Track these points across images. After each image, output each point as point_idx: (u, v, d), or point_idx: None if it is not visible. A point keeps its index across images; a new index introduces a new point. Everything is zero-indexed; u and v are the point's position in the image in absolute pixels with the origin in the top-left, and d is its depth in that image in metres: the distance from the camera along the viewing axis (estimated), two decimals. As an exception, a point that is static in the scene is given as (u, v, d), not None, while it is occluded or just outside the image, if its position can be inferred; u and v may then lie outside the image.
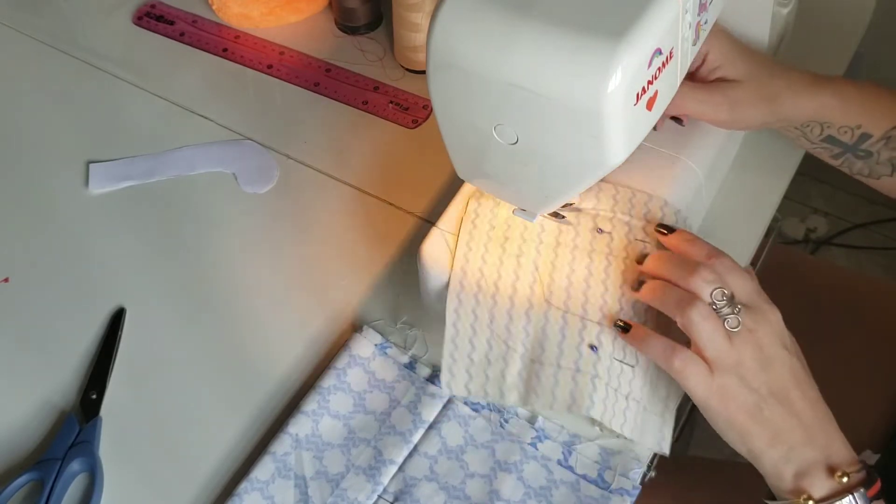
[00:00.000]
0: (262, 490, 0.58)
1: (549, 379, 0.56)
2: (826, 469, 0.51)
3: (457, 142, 0.52)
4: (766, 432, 0.51)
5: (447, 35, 0.45)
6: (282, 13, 0.88)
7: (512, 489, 0.58)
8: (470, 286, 0.57)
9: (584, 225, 0.57)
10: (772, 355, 0.51)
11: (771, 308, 0.52)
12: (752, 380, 0.51)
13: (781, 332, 0.52)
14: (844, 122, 0.59)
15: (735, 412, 0.51)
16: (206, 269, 0.71)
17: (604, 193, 0.59)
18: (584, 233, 0.57)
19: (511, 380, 0.57)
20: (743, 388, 0.51)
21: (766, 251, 0.82)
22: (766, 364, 0.51)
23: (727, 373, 0.51)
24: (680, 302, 0.51)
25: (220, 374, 0.65)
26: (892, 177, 0.59)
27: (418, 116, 0.81)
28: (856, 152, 0.60)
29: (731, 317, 0.50)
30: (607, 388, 0.54)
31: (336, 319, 0.68)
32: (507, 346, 0.57)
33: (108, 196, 0.77)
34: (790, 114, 0.59)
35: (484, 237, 0.58)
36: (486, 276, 0.56)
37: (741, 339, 0.51)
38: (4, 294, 0.71)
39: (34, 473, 0.59)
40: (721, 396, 0.51)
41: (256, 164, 0.78)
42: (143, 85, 0.85)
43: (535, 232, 0.57)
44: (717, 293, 0.50)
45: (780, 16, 0.68)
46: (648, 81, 0.44)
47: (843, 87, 0.59)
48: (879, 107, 0.58)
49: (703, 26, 0.51)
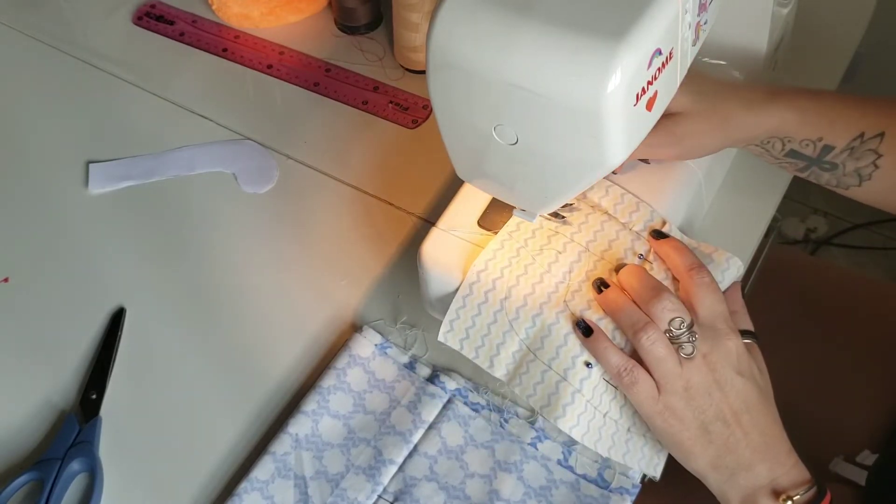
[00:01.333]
0: (262, 490, 0.58)
1: (537, 374, 0.56)
2: (771, 493, 0.52)
3: (457, 142, 0.52)
4: (708, 454, 0.52)
5: (447, 35, 0.45)
6: (282, 13, 0.88)
7: (512, 489, 0.58)
8: (497, 265, 0.57)
9: (637, 252, 0.57)
10: (723, 380, 0.52)
11: (730, 334, 0.53)
12: (699, 403, 0.52)
13: (737, 358, 0.53)
14: (805, 135, 0.56)
15: (679, 432, 0.52)
16: (206, 269, 0.71)
17: (608, 197, 0.59)
18: (630, 258, 0.57)
19: (504, 355, 0.57)
20: (688, 410, 0.52)
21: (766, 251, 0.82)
22: (714, 388, 0.52)
23: (674, 394, 0.52)
24: (634, 325, 0.52)
25: (219, 374, 0.65)
26: (860, 186, 0.58)
27: (418, 116, 0.81)
28: (821, 165, 0.58)
29: (686, 344, 0.52)
30: (587, 404, 0.55)
31: (336, 319, 0.68)
32: (511, 326, 0.57)
33: (107, 196, 0.77)
34: (747, 133, 0.57)
35: (530, 230, 0.58)
36: (504, 278, 0.57)
37: (693, 363, 0.52)
38: (4, 294, 0.71)
39: (34, 473, 0.59)
40: (666, 416, 0.52)
41: (256, 164, 0.78)
42: (143, 85, 0.85)
43: (584, 237, 0.58)
44: (676, 322, 0.51)
45: (779, 16, 0.67)
46: (648, 82, 0.44)
47: (800, 100, 0.56)
48: (840, 117, 0.56)
49: (703, 26, 0.51)
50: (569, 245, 0.57)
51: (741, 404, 0.52)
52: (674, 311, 0.51)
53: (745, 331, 0.56)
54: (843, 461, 0.77)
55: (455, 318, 0.59)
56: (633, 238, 0.57)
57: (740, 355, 0.53)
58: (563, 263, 0.57)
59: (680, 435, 0.52)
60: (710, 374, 0.52)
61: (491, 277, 0.57)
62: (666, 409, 0.52)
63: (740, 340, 0.53)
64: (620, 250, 0.57)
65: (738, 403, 0.52)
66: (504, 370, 0.58)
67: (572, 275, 0.56)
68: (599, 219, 0.58)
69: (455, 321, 0.59)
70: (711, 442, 0.52)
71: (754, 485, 0.52)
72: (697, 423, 0.52)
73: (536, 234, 0.58)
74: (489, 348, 0.58)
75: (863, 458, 0.75)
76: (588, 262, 0.57)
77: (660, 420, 0.52)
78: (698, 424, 0.52)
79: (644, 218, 0.59)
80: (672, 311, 0.51)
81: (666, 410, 0.52)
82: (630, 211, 0.59)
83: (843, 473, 0.76)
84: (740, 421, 0.52)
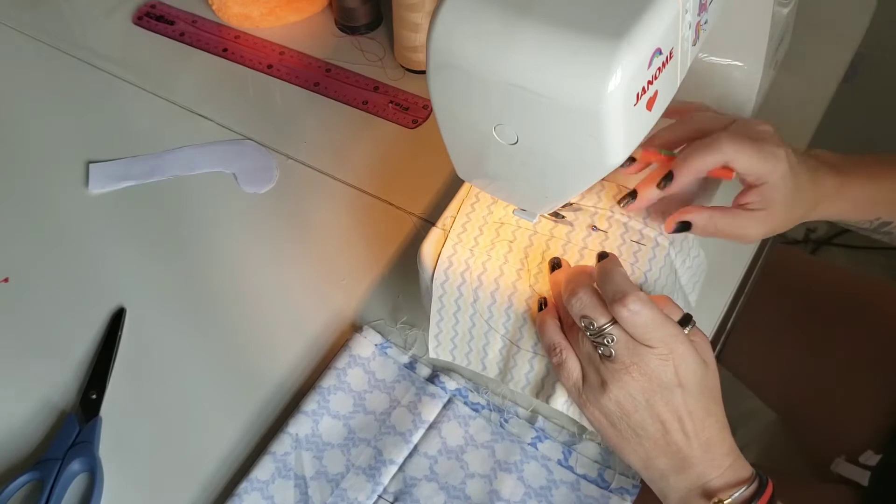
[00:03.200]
0: (262, 490, 0.58)
1: (525, 364, 0.57)
2: (702, 495, 0.51)
3: (457, 142, 0.52)
4: (637, 455, 0.52)
5: (447, 35, 0.45)
6: (282, 13, 0.88)
7: (512, 489, 0.58)
8: (456, 271, 0.57)
9: (582, 222, 0.58)
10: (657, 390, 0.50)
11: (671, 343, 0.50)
12: (626, 408, 0.50)
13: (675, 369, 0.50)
14: (863, 217, 0.64)
15: (604, 428, 0.52)
16: (206, 269, 0.71)
17: (606, 192, 0.59)
18: (579, 228, 0.57)
19: (492, 355, 0.59)
20: (610, 413, 0.51)
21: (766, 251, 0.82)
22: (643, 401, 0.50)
23: (592, 390, 0.51)
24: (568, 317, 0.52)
25: (220, 375, 0.65)
26: None
27: (418, 116, 0.81)
28: (878, 232, 0.66)
29: (603, 347, 0.50)
30: None
31: (336, 319, 0.68)
32: (489, 325, 0.58)
33: (107, 196, 0.77)
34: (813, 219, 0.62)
35: (477, 228, 0.58)
36: (473, 261, 0.57)
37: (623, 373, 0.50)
38: (4, 294, 0.71)
39: (34, 473, 0.59)
40: (590, 408, 0.52)
41: (256, 164, 0.78)
42: (143, 85, 0.85)
43: (530, 223, 0.58)
44: (585, 321, 0.50)
45: (780, 16, 0.67)
46: (648, 81, 0.44)
47: (860, 191, 0.61)
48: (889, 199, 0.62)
49: (704, 26, 0.51)
50: (517, 232, 0.57)
51: (675, 413, 0.50)
52: (584, 309, 0.50)
53: (683, 317, 0.52)
54: (844, 461, 0.76)
55: (438, 331, 0.60)
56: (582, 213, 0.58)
57: (678, 365, 0.50)
58: (518, 250, 0.57)
59: (604, 431, 0.52)
60: (639, 383, 0.50)
61: (458, 271, 0.57)
62: (589, 402, 0.52)
63: (690, 346, 0.50)
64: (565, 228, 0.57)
65: (671, 413, 0.50)
66: (496, 369, 0.59)
67: (529, 259, 0.56)
68: None
69: (439, 335, 0.60)
70: (641, 444, 0.51)
71: (687, 486, 0.51)
72: (624, 425, 0.51)
73: (493, 210, 0.59)
74: (477, 351, 0.59)
75: (865, 458, 0.75)
76: (540, 242, 0.57)
77: (586, 412, 0.52)
78: (625, 426, 0.51)
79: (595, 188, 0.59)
80: (582, 308, 0.50)
81: (588, 403, 0.52)
82: (596, 190, 0.59)
83: (844, 474, 0.76)
84: (683, 426, 0.50)
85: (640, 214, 0.58)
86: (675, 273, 0.58)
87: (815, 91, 0.80)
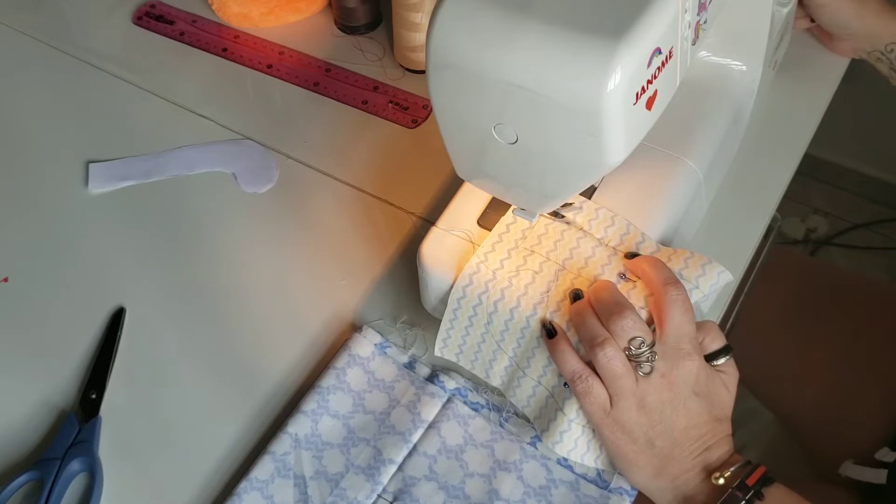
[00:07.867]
0: (262, 489, 0.58)
1: (529, 388, 0.58)
2: (702, 471, 0.54)
3: (457, 141, 0.52)
4: (651, 465, 0.54)
5: (447, 35, 0.45)
6: (281, 13, 0.88)
7: (511, 488, 0.58)
8: (474, 291, 0.57)
9: (615, 268, 0.57)
10: (677, 399, 0.53)
11: (692, 354, 0.53)
12: (651, 419, 0.53)
13: (696, 379, 0.53)
14: None
15: (625, 444, 0.54)
16: (206, 269, 0.71)
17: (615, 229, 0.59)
18: (609, 274, 0.56)
19: (497, 369, 0.59)
20: (637, 425, 0.53)
21: (766, 251, 0.82)
22: (668, 406, 0.52)
23: (626, 410, 0.52)
24: (593, 339, 0.52)
25: (219, 374, 0.65)
26: None
27: (418, 116, 0.81)
28: None
29: (645, 363, 0.52)
30: (570, 423, 0.56)
31: (336, 319, 0.68)
32: (499, 346, 0.58)
33: (107, 196, 0.77)
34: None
35: (505, 251, 0.58)
36: (493, 285, 0.56)
37: (650, 381, 0.52)
38: (4, 294, 0.71)
39: (34, 473, 0.59)
40: (614, 429, 0.53)
41: (256, 164, 0.78)
42: (143, 85, 0.85)
43: (561, 256, 0.57)
44: (636, 341, 0.51)
45: (780, 16, 0.68)
46: (648, 81, 0.44)
47: None
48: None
49: (703, 25, 0.51)
50: (545, 264, 0.57)
51: (690, 422, 0.53)
52: (634, 330, 0.51)
53: (720, 349, 0.56)
54: (853, 464, 0.76)
55: (447, 336, 0.60)
56: (609, 254, 0.57)
57: (699, 376, 0.53)
58: (541, 283, 0.56)
59: (626, 447, 0.54)
60: (666, 393, 0.52)
61: (477, 292, 0.57)
62: (615, 422, 0.53)
63: (702, 361, 0.53)
64: (597, 267, 0.56)
65: (686, 421, 0.53)
66: (500, 380, 0.60)
67: (550, 294, 0.56)
68: (575, 236, 0.58)
69: (448, 339, 0.60)
70: (655, 455, 0.53)
71: (697, 471, 0.54)
72: (645, 438, 0.53)
73: (527, 235, 0.58)
74: (483, 362, 0.60)
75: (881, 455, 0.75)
76: (565, 280, 0.56)
77: (608, 431, 0.53)
78: (646, 439, 0.53)
79: (620, 232, 0.58)
80: (632, 329, 0.51)
81: (615, 424, 0.53)
82: (605, 226, 0.58)
83: (854, 476, 0.76)
84: (689, 436, 0.53)
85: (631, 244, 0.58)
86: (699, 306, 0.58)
87: (814, 91, 0.80)
